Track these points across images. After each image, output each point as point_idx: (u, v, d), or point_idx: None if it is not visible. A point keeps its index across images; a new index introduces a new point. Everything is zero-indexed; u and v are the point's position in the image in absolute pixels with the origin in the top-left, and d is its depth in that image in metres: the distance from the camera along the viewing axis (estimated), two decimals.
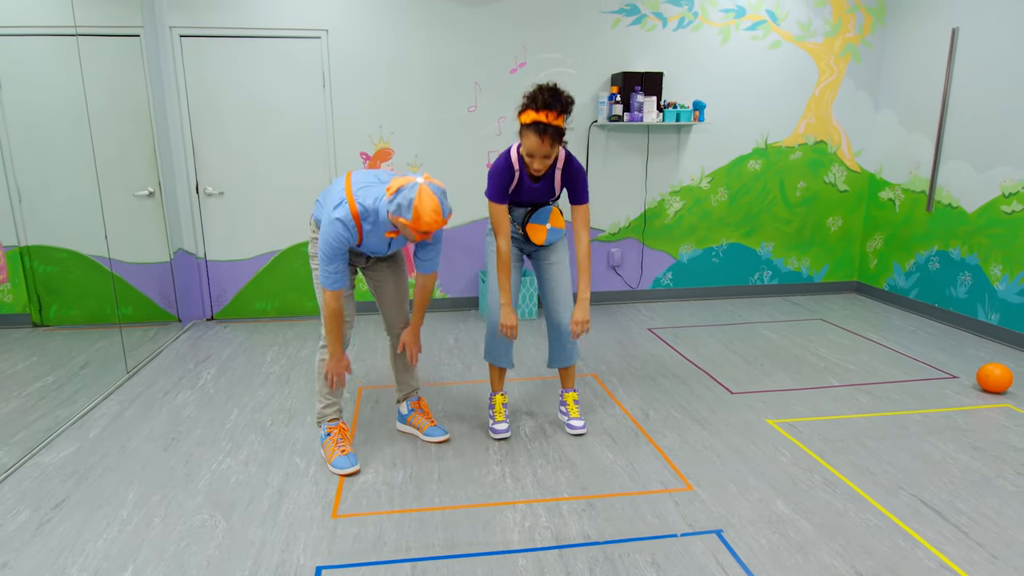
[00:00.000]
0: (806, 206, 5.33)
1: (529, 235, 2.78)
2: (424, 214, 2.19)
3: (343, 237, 2.36)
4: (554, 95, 2.41)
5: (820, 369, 3.77)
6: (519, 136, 2.54)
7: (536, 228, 2.78)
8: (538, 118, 2.41)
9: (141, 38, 4.21)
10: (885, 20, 5.08)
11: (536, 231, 2.78)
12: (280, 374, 3.75)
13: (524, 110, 2.45)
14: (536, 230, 2.78)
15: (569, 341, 2.92)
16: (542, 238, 2.79)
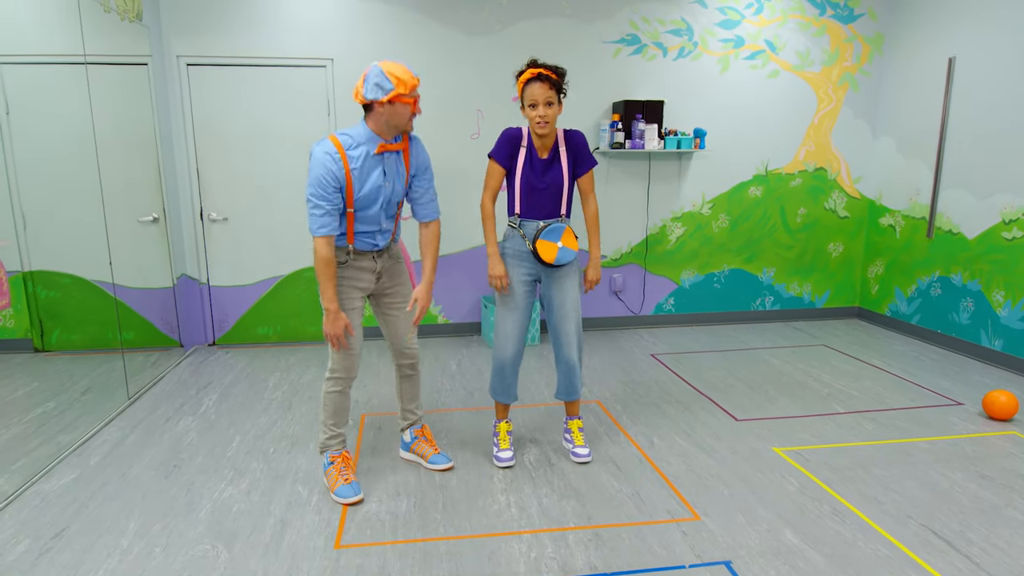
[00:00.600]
0: (807, 232, 5.36)
1: (539, 252, 2.72)
2: (402, 73, 2.31)
3: (329, 170, 2.33)
4: (550, 65, 2.64)
5: (824, 396, 3.75)
6: (521, 104, 2.67)
7: (547, 245, 2.74)
8: (537, 70, 2.60)
9: (149, 67, 4.27)
10: (882, 49, 5.16)
11: (546, 248, 2.74)
12: (282, 400, 3.73)
13: (521, 74, 2.65)
14: (547, 247, 2.74)
15: (577, 376, 2.92)
16: (552, 256, 2.73)
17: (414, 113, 2.43)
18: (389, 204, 2.54)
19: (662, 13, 4.83)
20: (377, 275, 2.65)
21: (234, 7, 4.38)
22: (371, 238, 2.57)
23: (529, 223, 2.79)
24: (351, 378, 2.64)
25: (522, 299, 2.84)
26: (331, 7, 4.48)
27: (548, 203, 2.77)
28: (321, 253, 2.40)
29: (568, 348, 2.86)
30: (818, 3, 4.99)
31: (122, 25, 3.87)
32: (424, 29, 4.60)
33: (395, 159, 2.52)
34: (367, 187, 2.45)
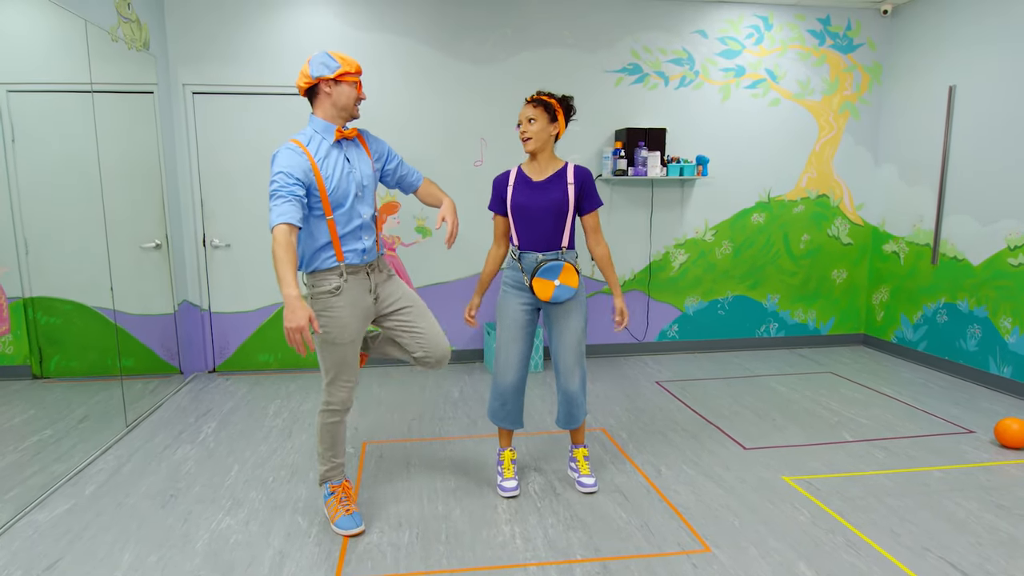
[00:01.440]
0: (810, 258, 5.35)
1: (535, 289, 2.67)
2: (346, 55, 2.39)
3: (295, 160, 2.29)
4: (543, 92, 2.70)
5: (833, 424, 3.69)
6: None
7: (543, 284, 2.66)
8: (532, 97, 2.69)
9: (155, 95, 4.31)
10: (881, 79, 5.21)
11: (543, 286, 2.67)
12: (282, 428, 3.67)
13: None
14: (543, 285, 2.66)
15: (578, 407, 2.87)
16: (548, 294, 2.67)
17: (360, 97, 2.45)
18: (363, 190, 2.49)
19: (663, 43, 4.88)
20: (375, 295, 2.57)
21: (240, 36, 4.44)
22: (357, 240, 2.47)
23: (528, 255, 2.74)
24: (346, 409, 2.58)
25: (523, 327, 2.80)
26: (336, 36, 4.54)
27: (546, 231, 2.70)
28: (277, 240, 2.21)
29: (567, 378, 2.81)
30: (817, 33, 5.05)
31: (129, 54, 3.91)
32: (429, 59, 4.65)
33: (354, 147, 2.52)
34: (336, 176, 2.40)
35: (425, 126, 4.70)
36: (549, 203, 2.68)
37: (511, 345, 2.79)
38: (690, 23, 4.90)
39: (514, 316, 2.79)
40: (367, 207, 2.52)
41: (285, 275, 2.20)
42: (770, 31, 5.00)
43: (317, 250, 2.44)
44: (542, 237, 2.72)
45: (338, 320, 2.47)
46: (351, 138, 2.50)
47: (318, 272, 2.46)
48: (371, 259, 2.55)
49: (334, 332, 2.47)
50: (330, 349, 2.49)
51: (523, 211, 2.71)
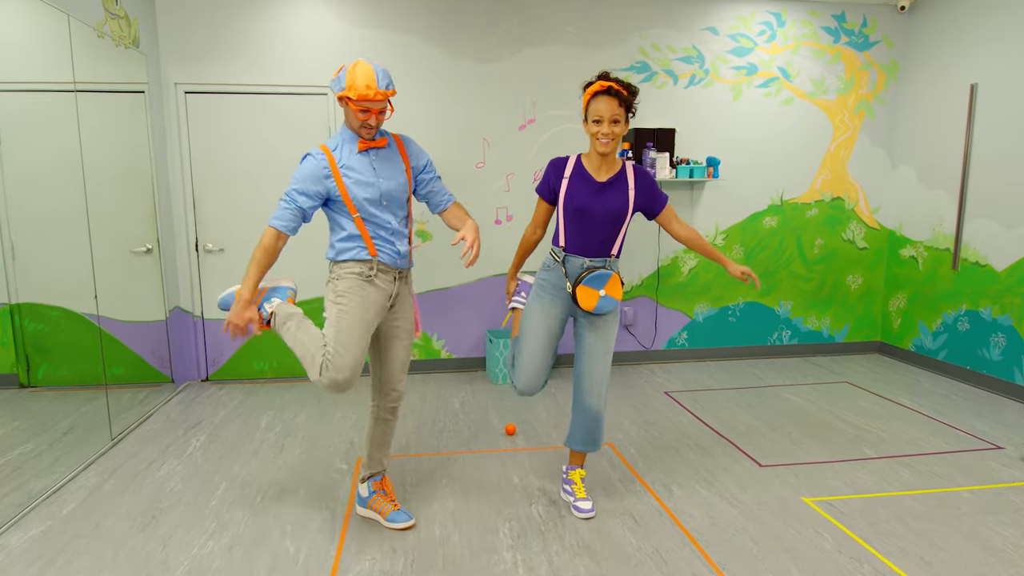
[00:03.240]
0: (824, 263, 5.16)
1: (578, 297, 2.48)
2: (357, 77, 2.20)
3: (309, 167, 2.30)
4: (621, 80, 2.41)
5: (853, 438, 3.50)
6: (584, 118, 2.46)
7: (588, 292, 2.48)
8: (606, 84, 2.38)
9: (146, 94, 4.16)
10: (898, 76, 5.02)
11: (587, 295, 2.48)
12: (274, 442, 3.51)
13: (589, 86, 2.43)
14: (587, 294, 2.48)
15: (600, 428, 2.68)
16: (592, 304, 2.48)
17: (363, 122, 2.29)
18: (390, 200, 2.40)
19: (672, 40, 4.71)
20: (392, 302, 2.48)
21: (234, 34, 4.29)
22: (391, 244, 2.41)
23: (574, 259, 2.54)
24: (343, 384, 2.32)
25: (554, 336, 2.63)
26: (333, 34, 4.39)
27: (598, 235, 2.51)
28: (264, 240, 2.32)
29: (592, 396, 2.63)
30: (832, 30, 4.88)
31: (117, 52, 3.76)
32: (428, 56, 4.49)
33: (387, 155, 2.42)
34: (358, 182, 2.33)
35: (424, 126, 4.54)
36: (610, 209, 2.49)
37: (539, 354, 2.61)
38: (700, 20, 4.73)
39: (548, 324, 2.60)
40: (393, 215, 2.42)
41: (251, 274, 2.34)
42: (783, 28, 4.82)
43: (346, 238, 2.39)
44: (594, 243, 2.54)
45: (362, 300, 2.36)
46: (382, 147, 2.40)
47: (350, 261, 2.39)
48: (403, 266, 2.48)
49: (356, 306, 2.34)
50: (344, 315, 2.34)
51: (580, 214, 2.51)
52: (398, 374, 2.57)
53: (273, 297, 2.57)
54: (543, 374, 2.63)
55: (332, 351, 2.30)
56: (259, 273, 2.37)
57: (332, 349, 2.30)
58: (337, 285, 2.38)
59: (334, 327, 2.33)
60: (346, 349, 2.30)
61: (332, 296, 2.38)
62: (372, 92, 2.21)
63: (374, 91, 2.21)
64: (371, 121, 2.29)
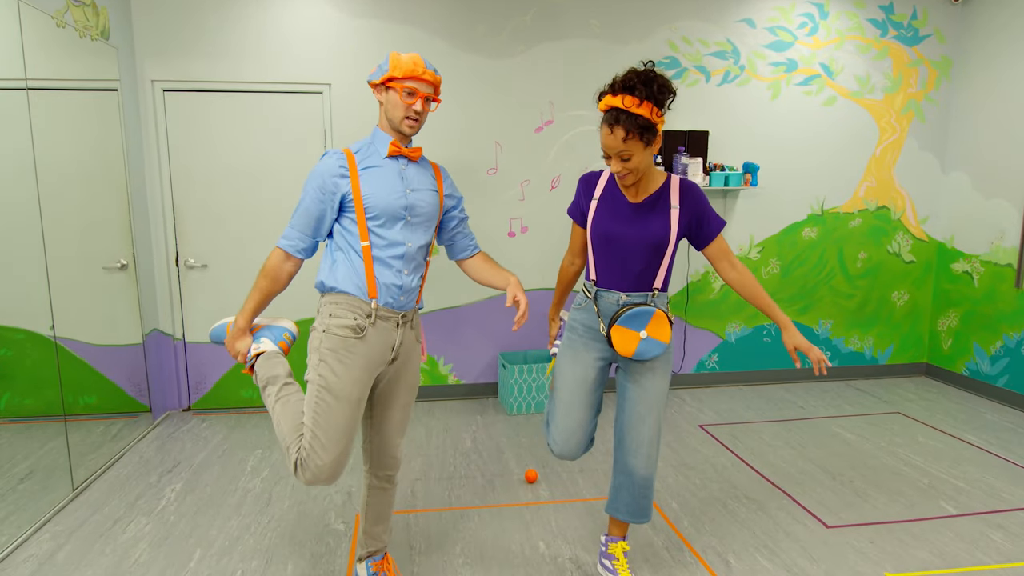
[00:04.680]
0: (868, 278, 4.71)
1: (614, 341, 2.02)
2: (402, 59, 1.88)
3: (325, 160, 1.93)
4: (644, 79, 1.85)
5: (925, 488, 3.06)
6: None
7: (625, 335, 2.00)
8: (613, 103, 1.86)
9: (119, 92, 3.70)
10: (951, 74, 4.57)
11: (624, 338, 2.01)
12: (261, 492, 3.05)
13: (603, 96, 1.93)
14: (625, 337, 2.00)
15: (649, 495, 2.21)
16: (631, 348, 2.01)
17: (408, 108, 1.90)
18: (414, 215, 1.96)
19: (705, 34, 4.26)
20: (395, 353, 2.00)
21: (219, 25, 3.83)
22: (395, 273, 1.94)
23: (607, 295, 2.11)
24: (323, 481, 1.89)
25: (593, 388, 2.17)
26: (329, 26, 3.93)
27: (634, 266, 2.05)
28: (269, 264, 1.98)
29: (637, 458, 2.16)
30: (879, 23, 4.43)
31: (83, 44, 3.30)
32: (435, 50, 4.03)
33: (418, 169, 2.03)
34: (379, 188, 1.92)
35: (430, 128, 4.08)
36: (646, 237, 2.02)
37: (575, 411, 2.15)
38: (735, 11, 4.27)
39: (582, 373, 2.15)
40: (413, 236, 1.98)
41: (249, 302, 2.02)
42: (825, 20, 4.37)
43: (348, 269, 1.93)
44: (630, 275, 2.07)
45: (350, 370, 1.89)
46: (414, 158, 2.02)
47: (341, 296, 1.93)
48: (407, 307, 2.00)
49: (339, 383, 1.88)
50: (324, 399, 1.88)
51: (610, 242, 2.05)
52: (395, 439, 2.11)
53: (264, 337, 2.13)
54: (583, 433, 2.18)
55: (308, 447, 1.86)
56: (259, 301, 2.01)
57: (308, 444, 1.86)
58: (323, 340, 1.92)
59: (312, 411, 1.87)
60: (325, 447, 1.85)
61: (314, 356, 1.93)
62: (420, 69, 1.88)
63: (422, 68, 1.89)
64: (416, 107, 1.90)
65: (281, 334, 2.17)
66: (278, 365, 2.06)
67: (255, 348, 2.11)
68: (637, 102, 1.83)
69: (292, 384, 2.04)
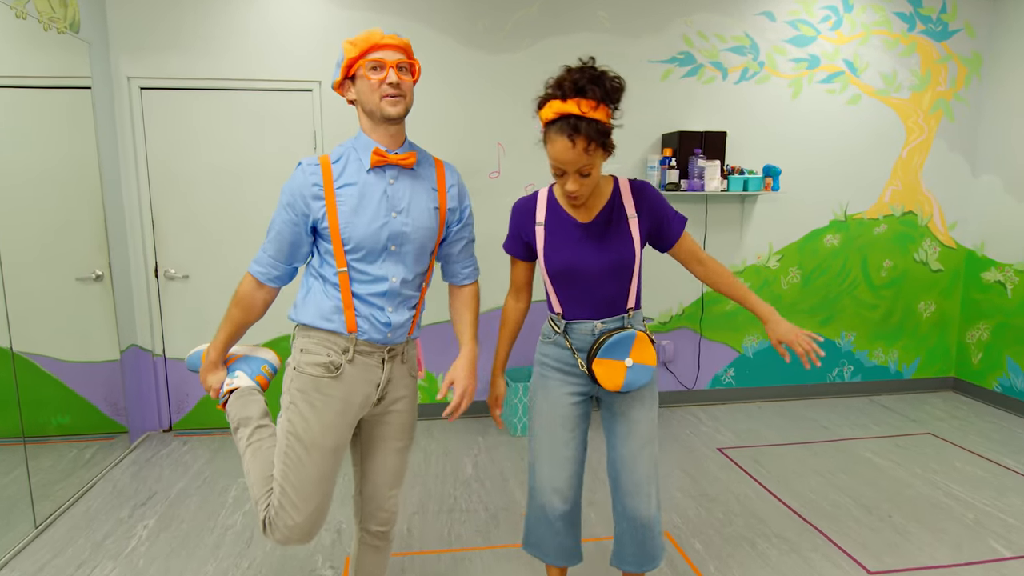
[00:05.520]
0: (893, 288, 4.44)
1: (598, 377, 1.77)
2: (355, 37, 1.57)
3: (297, 175, 1.60)
4: (592, 77, 1.58)
5: (971, 525, 2.78)
6: (543, 140, 1.69)
7: (610, 367, 1.76)
8: (566, 109, 1.57)
9: (92, 91, 3.42)
10: (981, 72, 4.30)
11: (610, 371, 1.76)
12: (242, 529, 2.78)
13: (545, 102, 1.64)
14: (610, 370, 1.76)
15: (656, 538, 1.92)
16: (618, 381, 1.76)
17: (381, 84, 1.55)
18: (401, 243, 1.64)
19: (722, 28, 3.99)
20: (380, 393, 1.71)
21: (200, 18, 3.55)
22: (379, 311, 1.64)
23: (579, 326, 1.83)
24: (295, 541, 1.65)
25: (574, 425, 1.89)
26: (319, 19, 3.65)
27: (601, 294, 1.80)
28: (240, 291, 1.72)
29: (637, 498, 1.87)
30: (907, 16, 4.15)
31: (48, 37, 3.03)
32: (434, 45, 3.76)
33: (412, 181, 1.67)
34: (359, 211, 1.59)
35: (429, 128, 3.81)
36: (610, 259, 1.76)
37: (558, 451, 1.88)
38: (754, 4, 4.00)
39: (561, 412, 1.88)
40: (398, 269, 1.65)
41: (220, 333, 1.77)
42: (850, 13, 4.10)
43: (322, 299, 1.64)
44: (599, 303, 1.81)
45: (320, 416, 1.62)
46: (407, 166, 1.65)
47: (313, 330, 1.64)
48: (396, 341, 1.70)
49: (310, 431, 1.62)
50: (294, 449, 1.62)
51: (569, 274, 1.79)
52: (386, 489, 1.81)
53: (239, 370, 1.87)
54: (571, 483, 1.88)
55: (277, 504, 1.60)
56: (231, 332, 1.77)
57: (277, 502, 1.60)
58: (293, 380, 1.65)
59: (281, 463, 1.61)
60: (295, 505, 1.60)
61: (285, 398, 1.67)
62: (378, 36, 1.56)
63: (380, 34, 1.57)
64: (391, 77, 1.55)
65: (259, 367, 1.90)
66: (252, 404, 1.80)
67: (228, 383, 1.84)
68: (593, 105, 1.57)
69: (267, 427, 1.77)
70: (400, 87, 1.57)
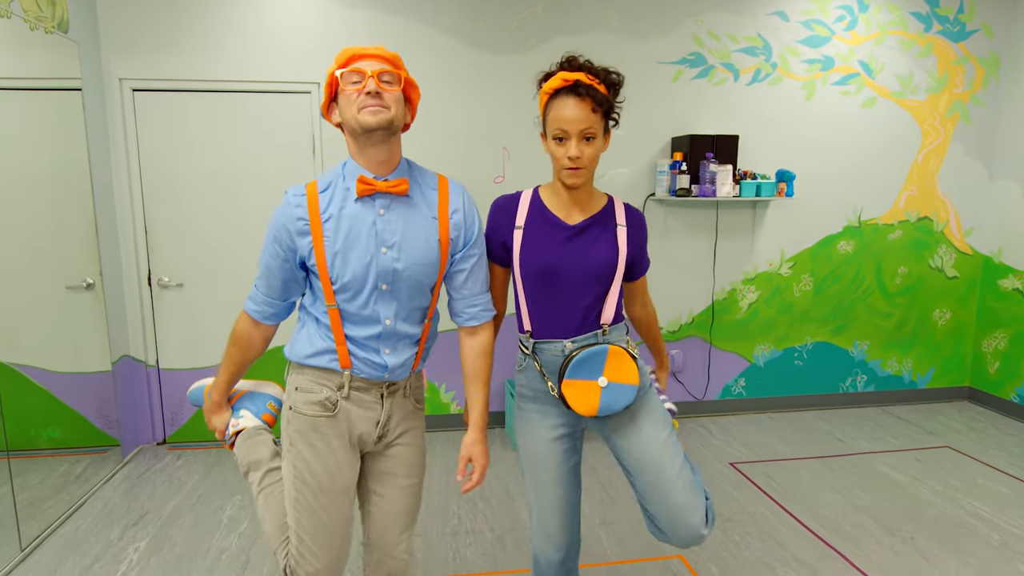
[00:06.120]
0: (908, 296, 4.32)
1: (568, 400, 1.60)
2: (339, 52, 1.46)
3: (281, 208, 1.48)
4: (583, 63, 1.61)
5: (997, 547, 2.67)
6: (543, 130, 1.65)
7: (581, 388, 1.59)
8: (573, 77, 1.56)
9: (82, 92, 3.30)
10: (999, 74, 4.18)
11: (581, 394, 1.59)
12: (237, 553, 2.66)
13: (547, 79, 1.63)
14: (581, 392, 1.59)
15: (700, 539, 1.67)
16: (593, 404, 1.59)
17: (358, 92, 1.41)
18: (393, 282, 1.48)
19: (733, 28, 3.87)
20: (381, 430, 1.58)
21: (194, 17, 3.43)
22: (374, 353, 1.51)
23: (548, 347, 1.68)
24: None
25: (562, 461, 1.71)
26: (317, 18, 3.53)
27: (577, 303, 1.64)
28: (238, 328, 1.64)
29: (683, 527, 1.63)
30: (923, 16, 4.03)
31: (35, 37, 2.90)
32: (435, 46, 3.64)
33: (406, 209, 1.50)
34: (346, 249, 1.45)
35: (431, 131, 3.69)
36: (592, 262, 1.63)
37: (545, 494, 1.71)
38: (766, 3, 3.88)
39: (542, 451, 1.70)
40: (391, 309, 1.51)
41: (221, 374, 1.70)
42: (865, 13, 3.98)
43: (315, 336, 1.52)
44: (574, 316, 1.66)
45: (322, 457, 1.51)
46: (400, 193, 1.48)
47: (307, 368, 1.53)
48: (398, 377, 1.56)
49: (314, 475, 1.51)
50: (303, 494, 1.51)
51: (550, 276, 1.63)
52: (395, 534, 1.66)
53: (244, 409, 1.77)
54: (566, 524, 1.73)
55: (296, 553, 1.50)
56: (232, 373, 1.69)
57: (296, 550, 1.50)
58: (290, 420, 1.54)
59: (292, 509, 1.51)
60: (314, 552, 1.50)
61: (285, 439, 1.56)
62: (358, 48, 1.45)
63: (361, 47, 1.46)
64: (369, 87, 1.39)
65: (264, 403, 1.80)
66: (260, 445, 1.69)
67: (233, 425, 1.74)
68: (597, 80, 1.58)
69: (277, 470, 1.67)
70: (381, 96, 1.41)
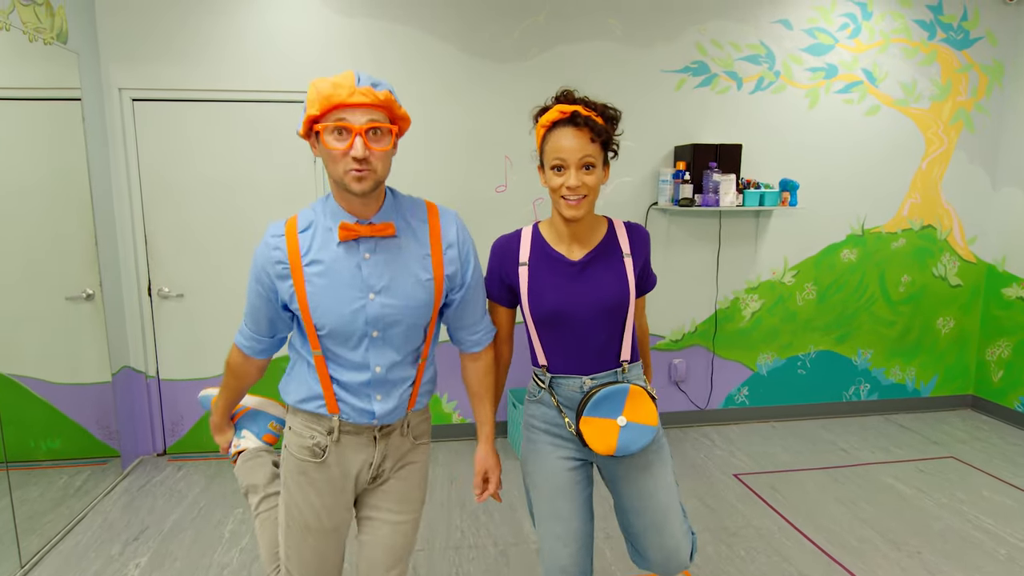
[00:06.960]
0: (911, 304, 4.31)
1: (586, 439, 1.59)
2: (319, 84, 1.28)
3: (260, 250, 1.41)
4: (579, 96, 1.58)
5: (1003, 561, 2.65)
6: (540, 162, 1.61)
7: (599, 427, 1.57)
8: (571, 108, 1.53)
9: (82, 102, 3.28)
10: (1003, 81, 4.17)
11: (599, 432, 1.57)
12: (238, 569, 2.64)
13: (543, 113, 1.59)
14: (599, 430, 1.57)
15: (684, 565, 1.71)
16: (611, 444, 1.57)
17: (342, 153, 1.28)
18: (384, 329, 1.42)
19: (737, 36, 3.85)
20: (374, 472, 1.54)
21: (194, 27, 3.41)
22: (364, 400, 1.45)
23: (566, 382, 1.65)
24: None
25: (574, 493, 1.69)
26: (320, 27, 3.51)
27: (592, 342, 1.63)
28: (231, 360, 1.62)
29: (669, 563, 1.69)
30: (927, 24, 4.02)
31: (34, 48, 2.88)
32: (437, 53, 3.62)
33: (392, 251, 1.41)
34: (332, 299, 1.38)
35: (432, 141, 3.67)
36: (604, 298, 1.61)
37: (560, 526, 1.68)
38: (770, 11, 3.86)
39: (558, 482, 1.68)
40: (389, 353, 1.45)
41: (220, 399, 1.72)
42: (869, 21, 3.96)
43: (303, 379, 1.47)
44: (589, 354, 1.64)
45: (311, 499, 1.48)
46: (386, 234, 1.39)
47: (298, 412, 1.49)
48: (389, 421, 1.50)
49: (303, 515, 1.49)
50: (293, 530, 1.50)
51: (559, 319, 1.61)
52: (381, 571, 1.58)
53: (246, 429, 1.75)
54: (576, 557, 1.68)
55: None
56: (229, 399, 1.71)
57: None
58: (285, 460, 1.52)
59: (284, 542, 1.50)
60: None
61: (282, 473, 1.54)
62: (344, 92, 1.26)
63: (348, 90, 1.26)
64: (356, 150, 1.26)
65: (266, 424, 1.78)
66: (258, 468, 1.67)
67: (235, 445, 1.73)
68: (595, 113, 1.55)
69: (275, 495, 1.66)
70: (368, 162, 1.28)
